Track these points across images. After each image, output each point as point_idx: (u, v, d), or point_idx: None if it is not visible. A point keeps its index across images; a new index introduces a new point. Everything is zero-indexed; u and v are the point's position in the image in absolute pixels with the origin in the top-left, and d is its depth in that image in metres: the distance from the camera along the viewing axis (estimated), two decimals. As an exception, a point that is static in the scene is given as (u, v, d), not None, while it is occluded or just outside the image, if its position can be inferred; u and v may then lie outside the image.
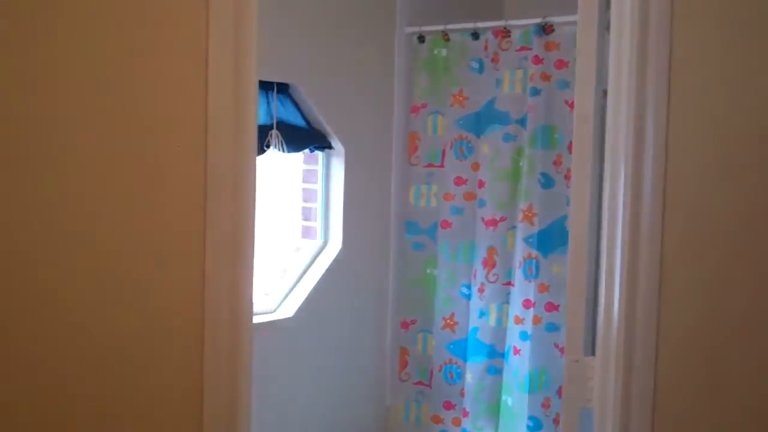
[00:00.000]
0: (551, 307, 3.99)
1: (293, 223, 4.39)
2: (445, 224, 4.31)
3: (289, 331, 4.02)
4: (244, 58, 1.67)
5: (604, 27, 1.89)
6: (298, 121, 4.03)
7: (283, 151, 3.89)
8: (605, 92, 1.90)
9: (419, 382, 4.42)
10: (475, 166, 4.24)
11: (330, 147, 4.15)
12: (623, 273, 1.76)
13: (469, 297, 4.28)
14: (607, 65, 1.86)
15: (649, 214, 1.73)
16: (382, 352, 4.48)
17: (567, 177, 3.95)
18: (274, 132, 3.86)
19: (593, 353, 1.94)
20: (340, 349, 4.25)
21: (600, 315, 1.84)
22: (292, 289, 4.17)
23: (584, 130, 1.90)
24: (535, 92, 3.98)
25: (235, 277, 1.71)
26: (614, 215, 1.78)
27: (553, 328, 3.98)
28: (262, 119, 3.85)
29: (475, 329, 4.24)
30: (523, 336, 4.03)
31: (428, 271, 4.39)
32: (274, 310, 4.10)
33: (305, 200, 4.35)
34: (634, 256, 1.74)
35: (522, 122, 4.07)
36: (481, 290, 4.20)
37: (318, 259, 4.26)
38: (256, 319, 3.92)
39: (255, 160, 1.75)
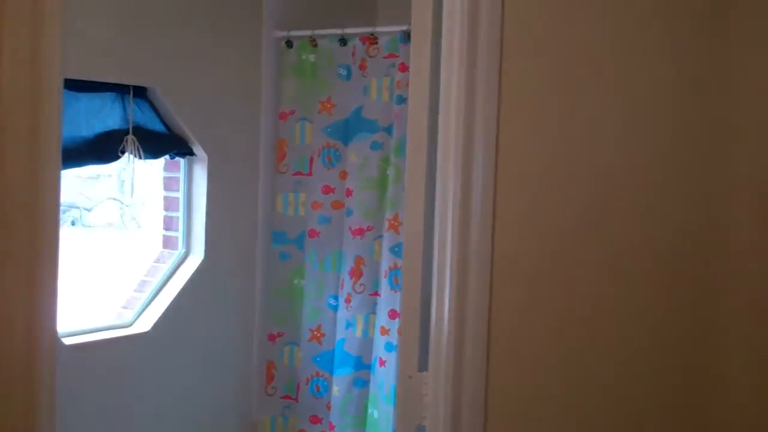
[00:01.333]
0: (418, 317, 3.92)
1: (154, 232, 4.22)
2: (313, 233, 4.21)
3: (146, 346, 3.85)
4: (44, 62, 1.54)
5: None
6: (157, 127, 3.87)
7: (140, 157, 3.72)
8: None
9: (286, 396, 4.30)
10: (343, 175, 4.16)
11: (191, 153, 4.00)
12: (453, 287, 1.69)
13: (336, 308, 4.19)
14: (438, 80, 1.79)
15: (478, 230, 1.66)
16: (248, 366, 4.34)
17: (433, 186, 3.90)
18: (130, 137, 3.69)
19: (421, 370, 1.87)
20: (203, 364, 4.10)
21: (432, 328, 1.77)
22: (150, 301, 4.00)
23: (418, 144, 1.83)
24: (401, 100, 3.92)
25: (32, 296, 1.57)
26: (446, 226, 1.71)
27: (419, 339, 3.92)
28: (117, 124, 3.68)
29: (342, 340, 4.15)
30: (389, 347, 3.96)
31: (295, 281, 4.28)
32: (131, 324, 3.92)
33: (167, 209, 4.18)
34: (463, 271, 1.68)
35: (389, 130, 4.01)
36: (348, 301, 4.12)
37: (179, 270, 4.09)
38: (111, 334, 3.78)
39: (58, 171, 1.62)
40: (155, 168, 4.20)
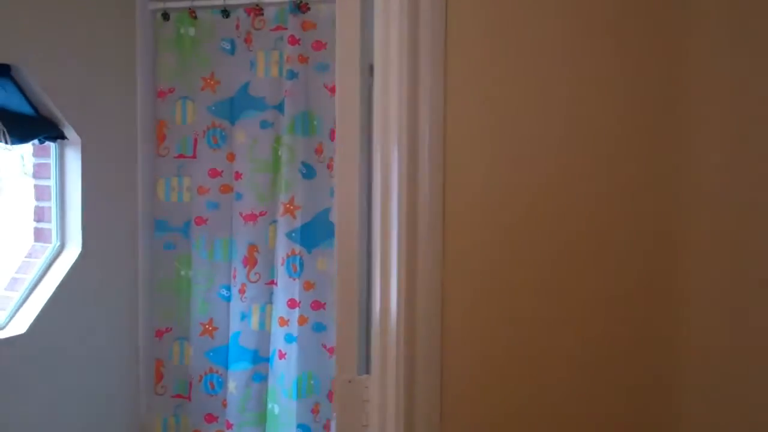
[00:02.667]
0: (317, 305, 3.72)
1: (24, 225, 3.84)
2: (200, 220, 3.93)
3: (22, 350, 3.50)
4: None
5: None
6: (24, 108, 3.49)
7: (6, 142, 3.35)
8: (371, 68, 1.63)
9: (178, 395, 4.02)
10: (231, 157, 3.89)
11: (63, 137, 3.64)
12: (401, 275, 1.49)
13: (228, 299, 3.93)
14: (372, 36, 1.59)
15: (428, 208, 1.47)
16: (134, 365, 4.04)
17: (329, 166, 3.70)
18: (-6, 121, 3.32)
19: (368, 371, 1.67)
20: (86, 365, 3.77)
21: (374, 326, 1.57)
22: (24, 301, 3.63)
23: (348, 112, 1.62)
24: (292, 75, 3.69)
25: None
26: (388, 210, 1.51)
27: (320, 327, 3.72)
28: (-22, 106, 3.30)
29: (237, 334, 3.90)
30: (289, 338, 3.74)
31: (182, 272, 4.00)
32: (4, 327, 3.55)
33: (38, 198, 3.81)
34: (412, 256, 1.49)
35: (280, 108, 3.77)
36: (242, 291, 3.87)
37: (54, 265, 3.74)
38: (-19, 340, 3.40)
39: None
40: (17, 153, 3.82)
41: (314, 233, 3.71)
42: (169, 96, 3.94)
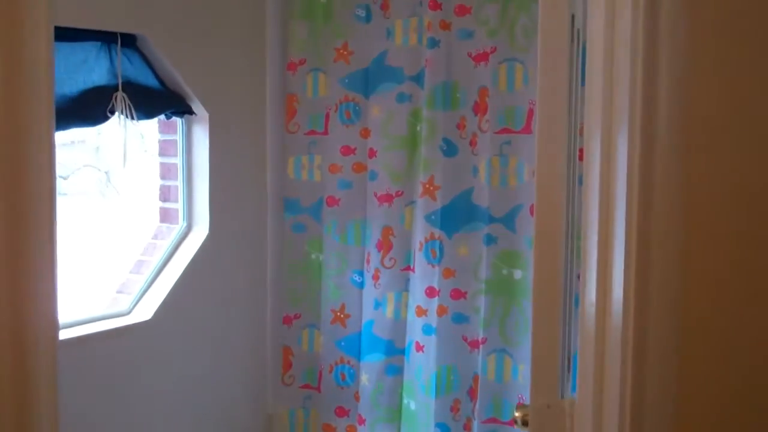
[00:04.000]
0: (458, 294, 3.43)
1: (150, 205, 3.67)
2: (332, 201, 3.69)
3: (148, 336, 3.34)
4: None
5: None
6: (151, 82, 3.30)
7: (132, 118, 3.18)
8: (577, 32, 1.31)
9: (306, 386, 3.80)
10: (365, 133, 3.62)
11: (191, 112, 3.44)
12: (628, 278, 1.17)
13: (361, 285, 3.67)
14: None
15: (666, 203, 1.15)
16: (261, 353, 3.84)
17: (472, 143, 3.39)
18: (120, 94, 3.14)
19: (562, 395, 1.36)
20: (211, 353, 3.59)
21: (585, 339, 1.26)
22: (150, 285, 3.47)
23: (554, 71, 1.30)
24: (433, 43, 3.39)
25: (16, 287, 1.11)
26: (610, 200, 1.19)
27: (460, 318, 3.43)
28: (104, 79, 3.13)
29: (370, 323, 3.64)
30: (427, 330, 3.46)
31: (312, 256, 3.76)
32: (129, 312, 3.40)
33: (163, 177, 3.63)
34: (644, 255, 1.16)
35: (418, 79, 3.47)
36: (375, 277, 3.60)
37: (181, 247, 3.57)
38: (107, 324, 3.24)
39: (50, 134, 1.21)
40: (142, 129, 3.64)
41: (455, 216, 3.41)
42: (299, 68, 3.70)
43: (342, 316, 3.71)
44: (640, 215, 1.15)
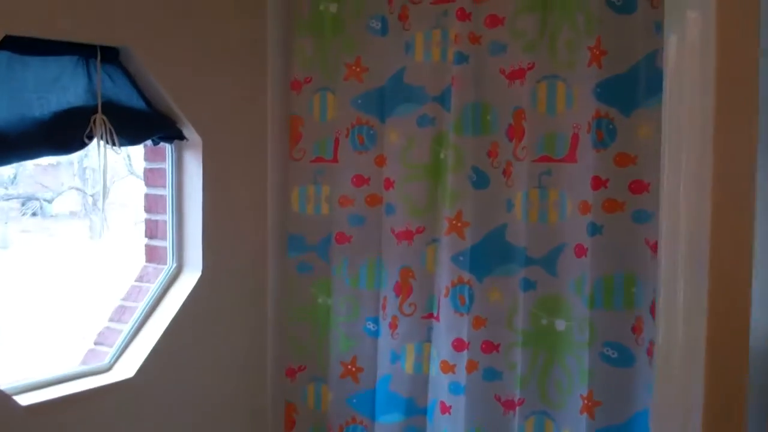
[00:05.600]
0: (490, 347, 2.98)
1: (135, 243, 3.22)
2: (342, 238, 3.24)
3: (130, 396, 2.90)
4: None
5: None
6: (135, 102, 2.86)
7: (114, 144, 2.73)
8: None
9: (312, 449, 3.33)
10: (380, 160, 3.18)
11: (181, 137, 3.01)
12: None
13: (376, 334, 3.22)
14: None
15: None
16: (262, 410, 3.38)
17: (506, 173, 2.95)
18: (99, 117, 2.70)
19: None
20: (204, 412, 3.15)
21: None
22: (133, 335, 3.01)
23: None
24: (461, 59, 2.96)
25: None
26: None
27: (493, 375, 2.98)
28: (81, 99, 2.71)
29: (387, 378, 3.19)
30: (455, 388, 3.01)
31: (320, 300, 3.32)
32: (109, 368, 2.93)
33: (149, 211, 3.18)
34: None
35: (443, 100, 3.05)
36: (393, 325, 3.15)
37: (170, 291, 3.12)
38: (81, 385, 2.76)
39: None
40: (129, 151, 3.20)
41: (487, 257, 2.97)
42: (305, 87, 3.27)
43: (353, 369, 3.26)
44: None
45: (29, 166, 5.55)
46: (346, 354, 3.27)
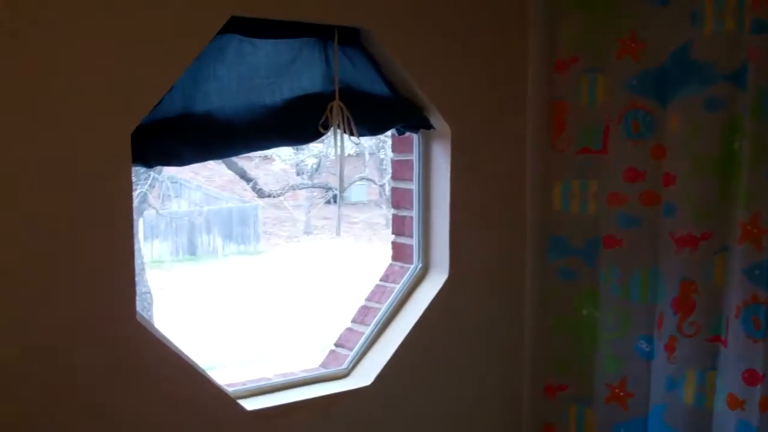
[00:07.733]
0: (789, 382, 2.43)
1: (381, 239, 3.00)
2: (611, 242, 2.85)
3: (367, 407, 2.69)
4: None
5: None
6: (377, 88, 2.63)
7: (352, 133, 2.52)
8: None
9: (574, 479, 2.96)
10: (659, 151, 2.75)
11: (428, 126, 2.75)
12: None
13: (650, 356, 2.79)
14: None
15: None
16: (514, 431, 3.04)
17: (819, 167, 2.38)
18: (336, 104, 2.48)
19: None
20: (444, 430, 2.88)
21: None
22: (374, 339, 2.80)
23: None
24: (760, 27, 2.44)
25: None
26: None
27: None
28: (317, 85, 2.51)
29: (661, 407, 2.75)
30: (744, 429, 2.49)
31: (584, 311, 2.96)
32: (347, 375, 2.74)
33: (397, 206, 2.96)
34: None
35: (737, 79, 2.55)
36: (670, 347, 2.70)
37: (415, 293, 2.89)
38: (315, 391, 2.60)
39: None
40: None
41: (792, 272, 2.42)
42: (571, 68, 2.91)
43: (622, 394, 2.85)
44: None
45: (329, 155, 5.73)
46: (614, 376, 2.87)
